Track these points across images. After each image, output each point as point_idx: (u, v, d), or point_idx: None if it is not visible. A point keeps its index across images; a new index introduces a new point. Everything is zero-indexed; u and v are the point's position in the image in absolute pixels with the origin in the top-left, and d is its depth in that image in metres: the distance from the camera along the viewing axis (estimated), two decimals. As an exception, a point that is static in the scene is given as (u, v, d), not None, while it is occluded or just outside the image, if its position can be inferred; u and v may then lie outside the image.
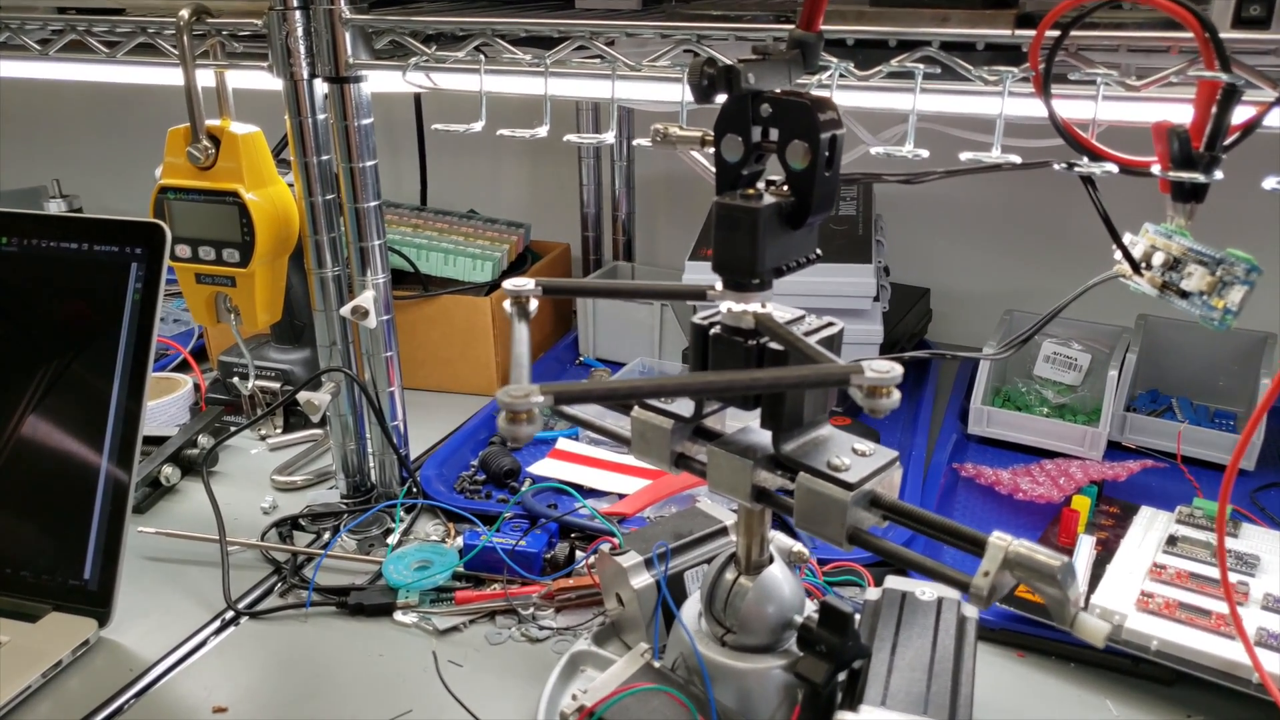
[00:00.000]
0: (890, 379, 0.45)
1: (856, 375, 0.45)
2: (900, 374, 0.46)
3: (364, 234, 0.84)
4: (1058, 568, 0.49)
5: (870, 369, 0.45)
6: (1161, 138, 0.56)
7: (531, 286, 0.58)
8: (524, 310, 0.58)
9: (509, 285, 0.58)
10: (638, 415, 0.62)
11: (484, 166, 1.44)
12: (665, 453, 0.61)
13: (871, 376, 0.45)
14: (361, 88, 0.80)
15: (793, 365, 0.55)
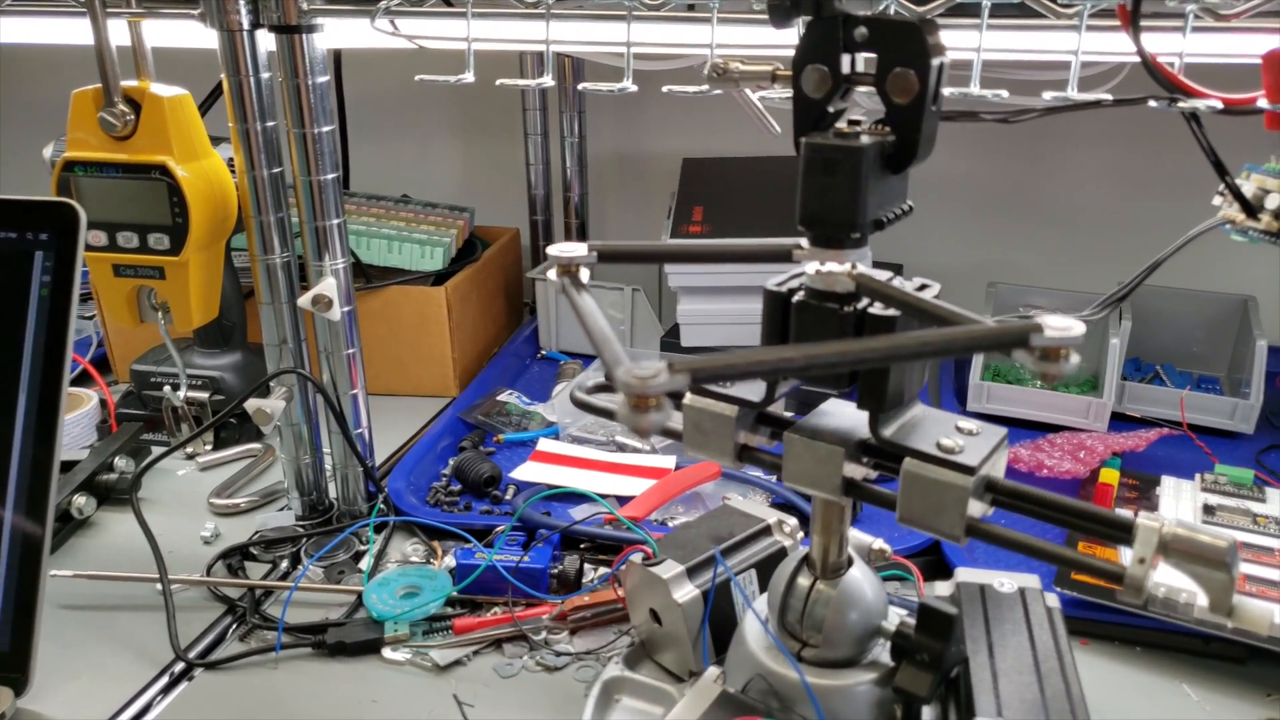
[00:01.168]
0: (1073, 338, 0.38)
1: (1036, 334, 0.38)
2: (1083, 332, 0.39)
3: (321, 212, 0.72)
4: (1225, 550, 0.43)
5: (1050, 325, 0.38)
6: (1275, 68, 0.50)
7: (583, 253, 0.49)
8: (577, 281, 0.49)
9: (556, 251, 0.49)
10: (693, 403, 0.53)
11: (410, 147, 1.32)
12: (728, 445, 0.53)
13: (1052, 335, 0.38)
14: (315, 39, 0.69)
15: (901, 331, 0.47)
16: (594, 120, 1.22)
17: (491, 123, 1.28)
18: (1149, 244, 1.15)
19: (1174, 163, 1.11)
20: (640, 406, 0.33)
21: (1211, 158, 0.52)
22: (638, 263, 0.57)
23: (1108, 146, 1.13)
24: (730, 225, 0.93)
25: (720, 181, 1.06)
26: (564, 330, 1.09)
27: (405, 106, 1.29)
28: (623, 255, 0.49)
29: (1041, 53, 0.58)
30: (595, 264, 0.50)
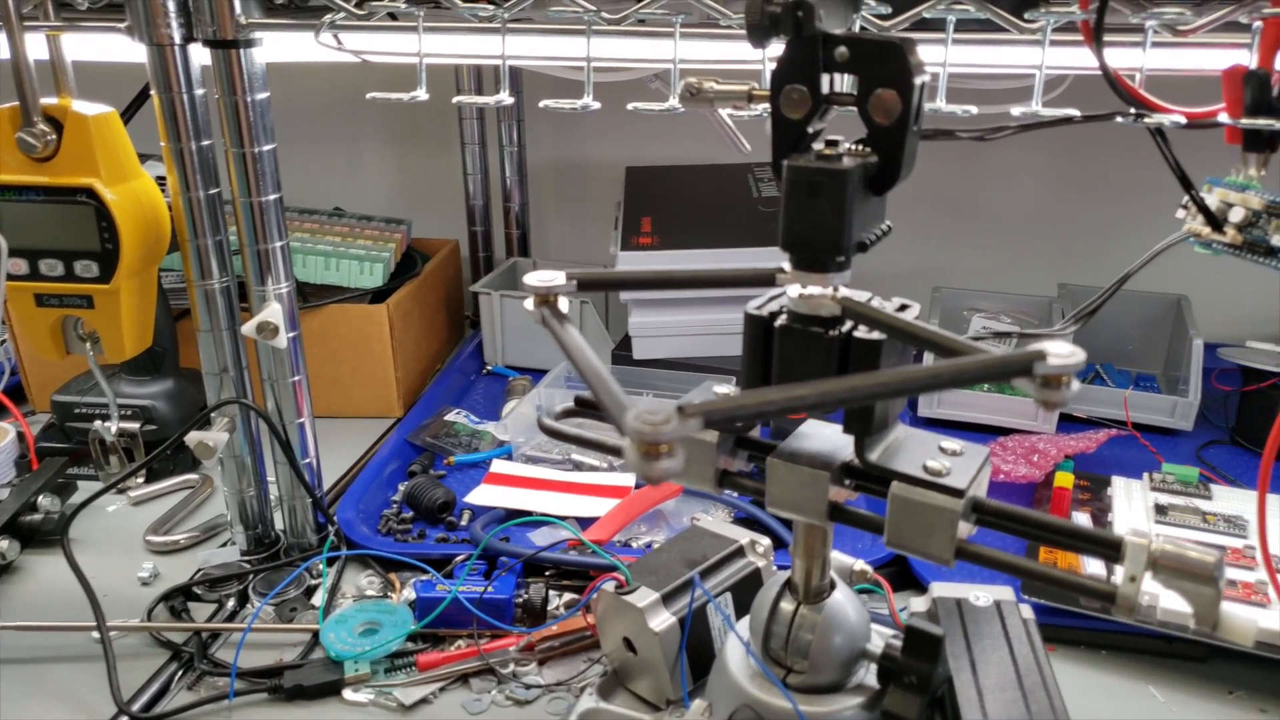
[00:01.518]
0: (1074, 365, 0.38)
1: (1039, 363, 0.37)
2: (1084, 359, 0.38)
3: (264, 234, 0.69)
4: (1213, 565, 0.43)
5: (1052, 354, 0.38)
6: (1235, 82, 0.51)
7: (562, 281, 0.47)
8: (557, 311, 0.47)
9: (533, 280, 0.47)
10: (672, 429, 0.52)
11: (340, 158, 1.28)
12: (709, 471, 0.52)
13: (1055, 364, 0.38)
14: (254, 54, 0.66)
15: (886, 355, 0.47)
16: (533, 129, 1.20)
17: (425, 132, 1.25)
18: (1081, 244, 1.18)
19: (1102, 165, 1.14)
20: (652, 454, 0.32)
21: (1177, 172, 0.52)
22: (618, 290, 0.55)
23: (1039, 150, 1.15)
24: (681, 235, 0.92)
25: (666, 190, 1.05)
26: (509, 344, 1.07)
27: (333, 116, 1.25)
28: (604, 284, 0.47)
29: (1005, 68, 0.58)
30: (575, 292, 0.48)
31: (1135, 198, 1.13)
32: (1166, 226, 1.05)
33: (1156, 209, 1.05)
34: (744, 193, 1.03)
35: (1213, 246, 0.53)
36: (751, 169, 1.09)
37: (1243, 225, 0.52)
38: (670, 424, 0.32)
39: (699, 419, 0.33)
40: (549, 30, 0.60)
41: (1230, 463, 0.89)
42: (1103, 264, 1.09)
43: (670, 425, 0.31)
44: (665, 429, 0.31)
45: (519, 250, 1.23)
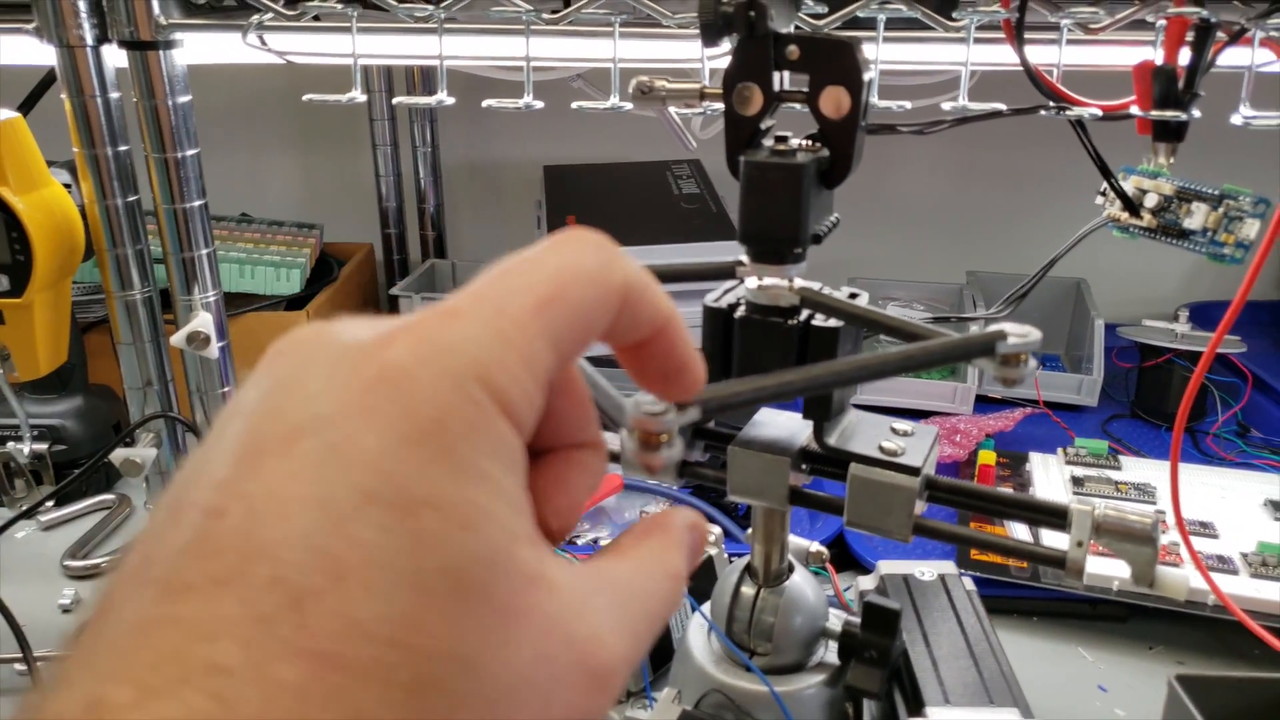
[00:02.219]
0: (1032, 343, 0.40)
1: (1000, 342, 0.39)
2: (1040, 337, 0.40)
3: (189, 242, 0.67)
4: (1150, 526, 0.46)
5: (1012, 333, 0.40)
6: (1144, 77, 0.55)
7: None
8: None
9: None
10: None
11: (243, 161, 1.24)
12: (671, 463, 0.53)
13: (1015, 342, 0.40)
14: (174, 55, 0.64)
15: (842, 342, 0.49)
16: (445, 128, 1.19)
17: (332, 133, 1.22)
18: (986, 233, 1.23)
19: (1002, 157, 1.19)
20: (652, 443, 0.32)
21: (1097, 162, 0.55)
22: None
23: (942, 143, 1.20)
24: (607, 233, 0.92)
25: (587, 189, 1.06)
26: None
27: (234, 118, 1.21)
28: None
29: (932, 64, 0.60)
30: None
31: (1034, 187, 1.18)
32: (1066, 213, 1.11)
33: (1056, 197, 1.12)
34: (664, 190, 1.04)
35: (1130, 230, 0.57)
36: (669, 166, 1.11)
37: (1156, 210, 0.56)
38: (670, 413, 0.32)
39: (698, 407, 0.34)
40: (486, 30, 0.60)
41: (1133, 434, 0.95)
42: (1007, 251, 1.14)
43: (670, 415, 0.32)
44: (667, 418, 0.32)
45: (435, 252, 1.21)
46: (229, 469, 0.18)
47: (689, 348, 0.26)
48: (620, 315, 0.23)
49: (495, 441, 0.19)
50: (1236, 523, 0.74)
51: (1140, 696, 0.64)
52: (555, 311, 0.21)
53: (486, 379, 0.19)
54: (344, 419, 0.18)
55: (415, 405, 0.18)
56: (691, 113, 0.54)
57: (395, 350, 0.19)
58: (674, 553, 0.25)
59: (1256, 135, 0.57)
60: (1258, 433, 0.94)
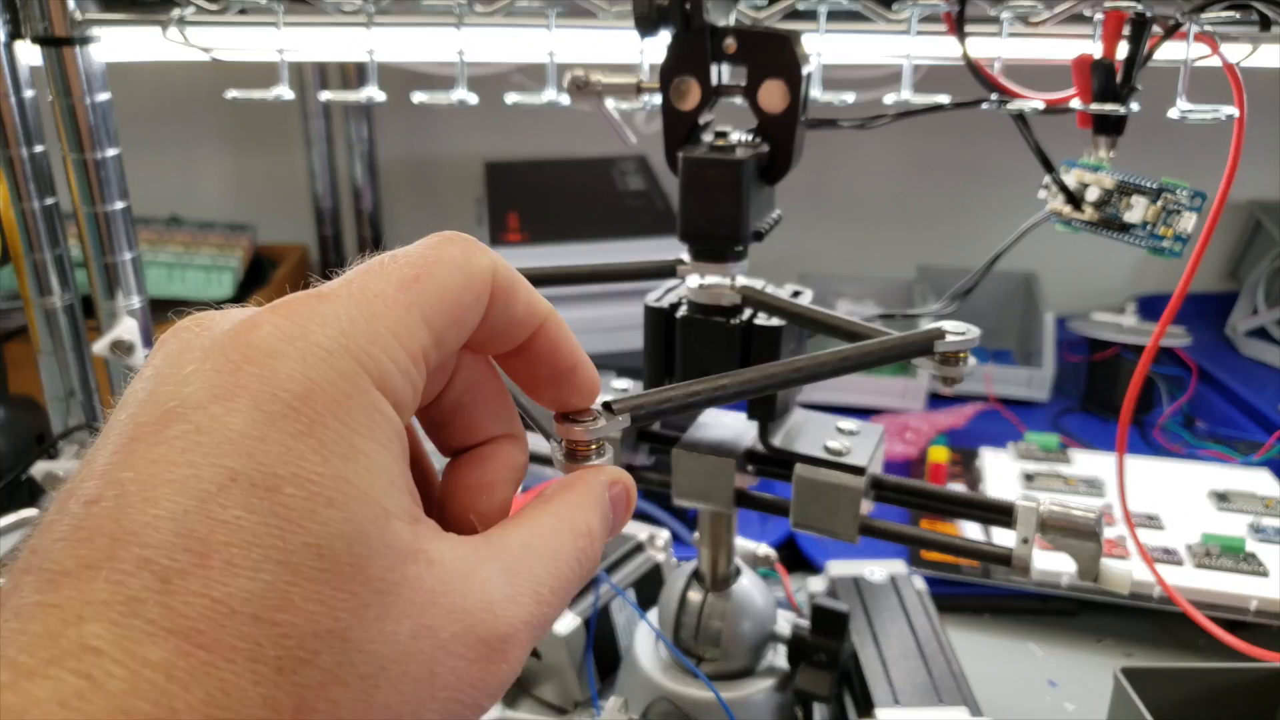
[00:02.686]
0: (970, 341, 0.39)
1: (939, 341, 0.39)
2: (979, 334, 0.40)
3: (111, 246, 0.64)
4: (1095, 521, 0.46)
5: (950, 332, 0.39)
6: (1083, 71, 0.54)
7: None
8: None
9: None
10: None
11: (171, 161, 1.20)
12: (613, 467, 0.51)
13: (953, 340, 0.39)
14: (91, 52, 0.61)
15: (785, 341, 0.48)
16: (382, 125, 1.16)
17: (264, 131, 1.19)
18: (934, 227, 1.23)
19: (949, 151, 1.19)
20: (581, 453, 0.31)
21: (1039, 155, 0.55)
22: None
23: (890, 138, 1.20)
24: (550, 230, 0.91)
25: (529, 185, 1.04)
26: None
27: (161, 116, 1.17)
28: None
29: (874, 57, 0.60)
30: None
31: (984, 180, 1.18)
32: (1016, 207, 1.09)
33: (1005, 190, 1.12)
34: (609, 186, 1.03)
35: (1072, 224, 0.56)
36: (614, 162, 1.09)
37: (1098, 204, 0.55)
38: (599, 421, 0.31)
39: (626, 415, 0.32)
40: (417, 23, 0.58)
41: (1084, 428, 0.95)
42: (957, 245, 1.14)
43: (600, 423, 0.31)
44: (594, 427, 0.31)
45: (372, 251, 1.18)
46: (107, 457, 0.18)
47: (574, 346, 0.26)
48: (492, 309, 0.23)
49: (367, 415, 0.19)
50: (1182, 514, 0.75)
51: (1090, 690, 0.64)
52: (422, 289, 0.21)
53: (356, 352, 0.19)
54: (211, 401, 0.18)
55: (280, 382, 0.18)
56: (632, 107, 0.52)
57: (262, 330, 0.19)
58: (584, 510, 0.25)
59: (1194, 128, 0.57)
60: (1203, 424, 0.95)
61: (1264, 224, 1.17)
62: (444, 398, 0.25)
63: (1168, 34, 0.54)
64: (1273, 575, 0.66)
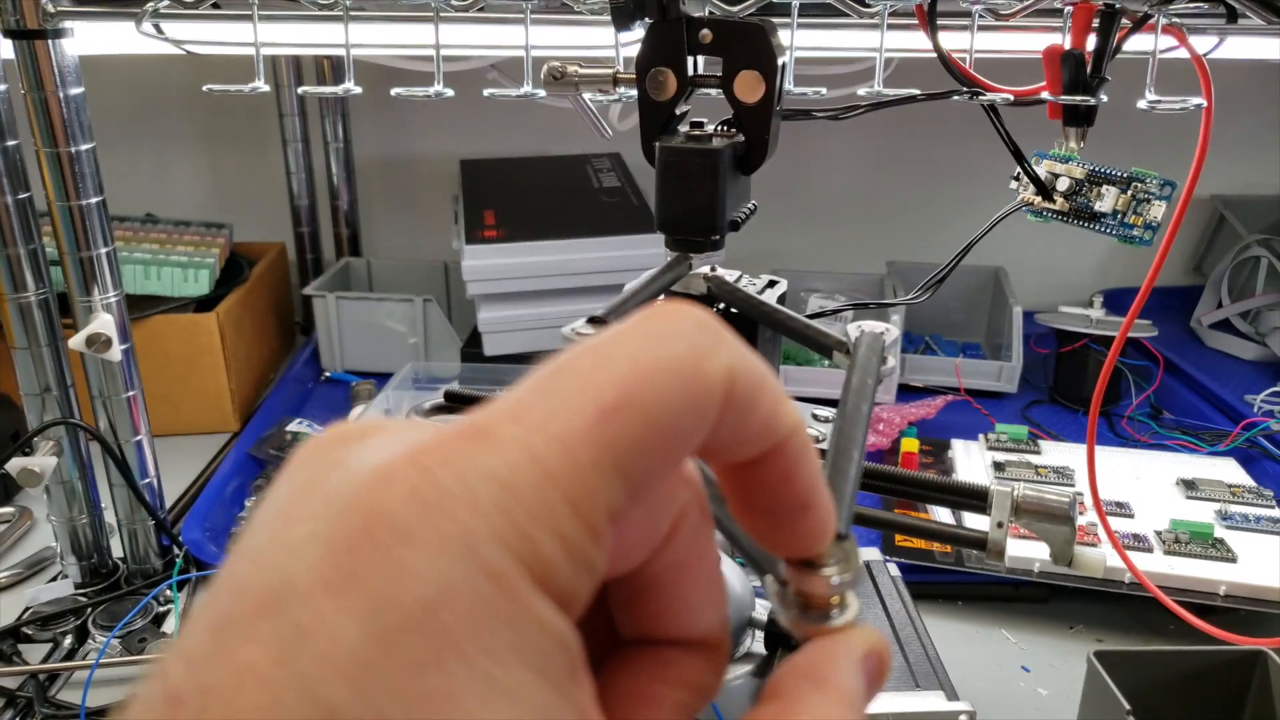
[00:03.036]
0: (891, 339, 0.41)
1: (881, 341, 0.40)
2: (898, 335, 0.41)
3: (86, 241, 0.64)
4: (1068, 505, 0.47)
5: (867, 329, 0.40)
6: (1054, 62, 0.55)
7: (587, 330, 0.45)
8: None
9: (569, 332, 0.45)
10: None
11: (146, 159, 1.20)
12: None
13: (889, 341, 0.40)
14: (64, 45, 0.61)
15: (759, 333, 0.48)
16: (358, 123, 1.16)
17: (241, 129, 1.19)
18: (903, 223, 1.25)
19: (918, 148, 1.21)
20: (819, 609, 0.20)
21: (1010, 146, 0.56)
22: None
23: (862, 133, 1.21)
24: (527, 228, 0.91)
25: (504, 183, 1.04)
26: (348, 349, 1.03)
27: (136, 113, 1.16)
28: None
29: (846, 50, 0.60)
30: None
31: (953, 177, 1.20)
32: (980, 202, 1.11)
33: (974, 187, 1.13)
34: (584, 183, 1.03)
35: (1044, 214, 0.57)
36: (589, 160, 1.10)
37: (1069, 194, 0.56)
38: (836, 571, 0.20)
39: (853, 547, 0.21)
40: (394, 17, 0.58)
41: (1052, 419, 0.96)
42: (927, 240, 1.16)
43: (838, 574, 0.20)
44: (836, 579, 0.20)
45: (350, 250, 1.18)
46: (199, 640, 0.14)
47: (814, 478, 0.18)
48: (721, 426, 0.17)
49: (518, 631, 0.14)
50: (1151, 502, 0.76)
51: (1062, 675, 0.65)
52: (623, 424, 0.15)
53: (512, 536, 0.14)
54: (321, 592, 0.14)
55: (404, 582, 0.14)
56: (608, 99, 0.52)
57: (394, 493, 0.15)
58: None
59: (1158, 123, 0.58)
60: (1169, 414, 0.97)
61: (1227, 218, 1.19)
62: (636, 569, 0.19)
63: (1136, 26, 0.55)
64: (1241, 560, 0.68)
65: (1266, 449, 0.87)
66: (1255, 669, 0.55)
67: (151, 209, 1.09)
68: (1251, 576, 0.66)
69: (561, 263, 0.89)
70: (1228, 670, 0.55)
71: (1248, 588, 0.65)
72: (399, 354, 1.00)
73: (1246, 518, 0.73)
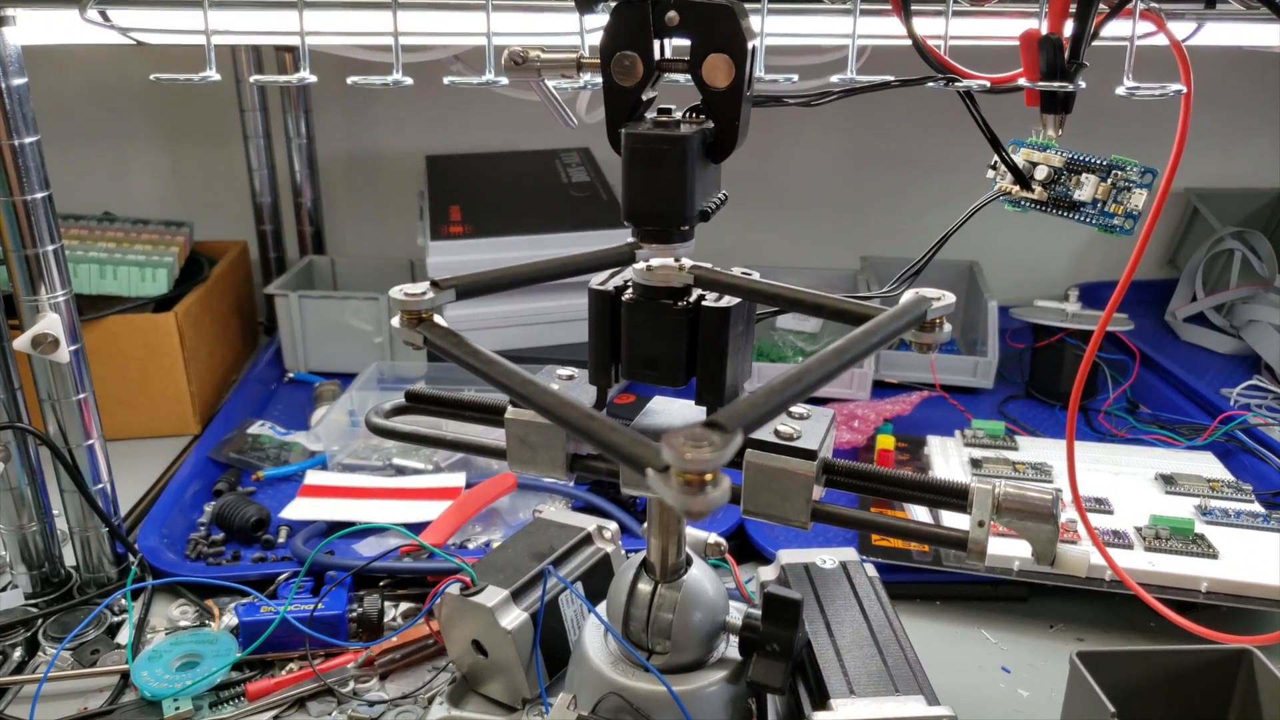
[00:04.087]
0: (948, 306, 0.39)
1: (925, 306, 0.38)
2: (954, 299, 0.39)
3: (31, 238, 0.61)
4: (1050, 503, 0.46)
5: (932, 299, 0.39)
6: (1031, 47, 0.54)
7: (430, 294, 0.43)
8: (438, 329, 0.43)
9: (399, 294, 0.43)
10: (517, 417, 0.50)
11: (102, 156, 1.17)
12: (559, 457, 0.50)
13: (937, 306, 0.39)
14: (6, 34, 0.58)
15: (734, 321, 0.46)
16: (321, 119, 1.14)
17: (200, 125, 1.16)
18: (875, 218, 1.23)
19: (890, 140, 1.20)
20: (696, 484, 0.26)
21: (987, 134, 0.54)
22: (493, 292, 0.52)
23: (832, 126, 1.19)
24: (492, 223, 0.89)
25: (470, 178, 1.02)
26: (312, 349, 1.01)
27: (91, 108, 1.13)
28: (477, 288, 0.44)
29: (819, 37, 0.59)
30: (453, 301, 0.45)
31: (924, 171, 1.19)
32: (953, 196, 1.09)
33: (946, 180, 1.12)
34: (552, 178, 1.01)
35: (1022, 204, 0.56)
36: (558, 154, 1.08)
37: (1047, 182, 0.55)
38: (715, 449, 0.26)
39: (740, 432, 0.28)
40: (351, 4, 0.56)
41: (1028, 414, 0.95)
42: (899, 235, 1.15)
43: (717, 452, 0.26)
44: (717, 456, 0.26)
45: (313, 248, 1.16)
46: None
47: None
48: None
49: None
50: (1130, 498, 0.75)
51: (1043, 675, 0.64)
52: None
53: None
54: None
55: None
56: (574, 86, 0.51)
57: None
58: None
59: (1135, 108, 0.57)
60: (1146, 409, 0.96)
61: (1201, 211, 1.19)
62: None
63: (1114, 10, 0.54)
64: (1222, 556, 0.67)
65: (1244, 443, 0.86)
66: (1240, 668, 0.53)
67: (109, 207, 1.06)
68: (1233, 573, 0.65)
69: (529, 259, 0.86)
70: (1212, 669, 0.54)
71: (1229, 584, 0.64)
72: (364, 354, 0.98)
73: (1226, 513, 0.72)
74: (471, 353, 0.41)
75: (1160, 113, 0.55)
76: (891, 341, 0.40)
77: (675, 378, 0.47)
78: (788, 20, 0.58)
